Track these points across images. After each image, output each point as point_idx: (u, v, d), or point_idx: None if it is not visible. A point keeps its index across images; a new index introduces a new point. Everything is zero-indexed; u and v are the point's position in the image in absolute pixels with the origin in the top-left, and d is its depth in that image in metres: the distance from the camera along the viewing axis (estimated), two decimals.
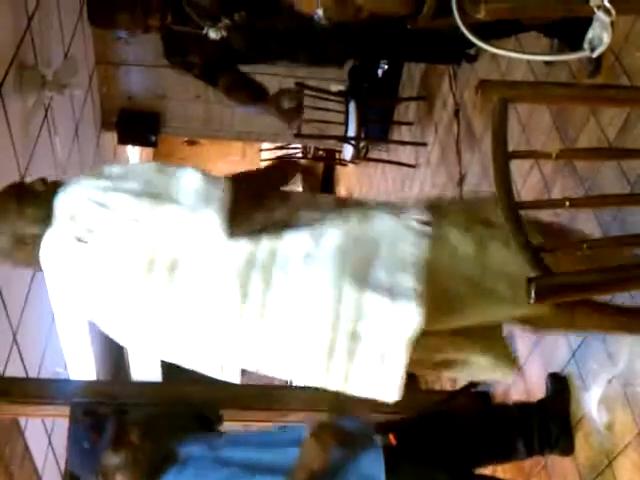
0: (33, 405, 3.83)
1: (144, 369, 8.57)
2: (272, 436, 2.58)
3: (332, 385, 2.01)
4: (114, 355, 8.13)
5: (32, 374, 4.77)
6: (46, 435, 5.11)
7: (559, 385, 3.13)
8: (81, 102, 5.70)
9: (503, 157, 1.53)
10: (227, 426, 3.34)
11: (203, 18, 3.07)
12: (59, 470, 5.17)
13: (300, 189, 8.98)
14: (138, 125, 6.43)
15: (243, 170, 2.12)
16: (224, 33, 3.08)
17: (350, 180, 8.25)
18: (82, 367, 6.46)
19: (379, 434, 2.58)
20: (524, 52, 1.85)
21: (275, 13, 3.09)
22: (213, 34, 3.08)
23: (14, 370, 4.47)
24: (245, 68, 3.37)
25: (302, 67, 4.66)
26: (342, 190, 8.74)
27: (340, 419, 2.41)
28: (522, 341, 3.38)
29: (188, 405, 3.26)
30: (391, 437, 2.62)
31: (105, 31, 4.86)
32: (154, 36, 3.25)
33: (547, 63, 3.17)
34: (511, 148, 1.61)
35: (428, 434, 2.94)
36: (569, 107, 3.22)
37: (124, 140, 6.65)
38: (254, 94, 3.40)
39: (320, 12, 2.68)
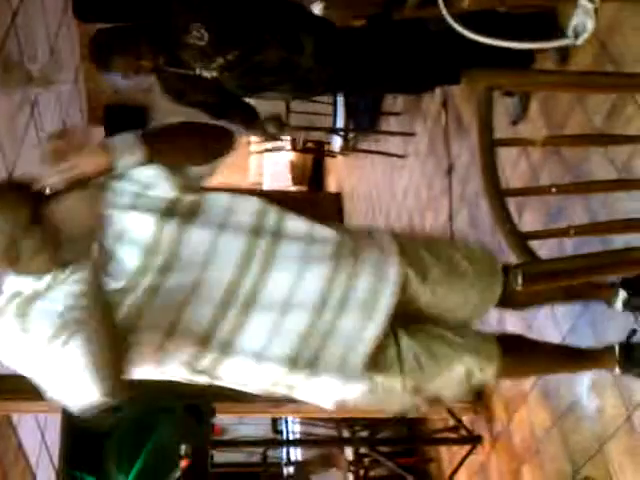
0: (26, 401, 3.82)
1: None
2: None
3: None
4: None
5: None
6: (39, 430, 5.11)
7: None
8: (68, 98, 5.69)
9: (489, 144, 1.53)
10: (219, 418, 3.35)
11: (197, 59, 3.11)
12: (52, 465, 5.17)
13: (290, 183, 8.98)
14: (125, 119, 6.41)
15: None
16: (216, 73, 3.14)
17: (339, 172, 8.25)
18: None
19: None
20: (512, 40, 1.86)
21: (264, 47, 3.15)
22: (206, 73, 3.13)
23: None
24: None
25: (290, 98, 4.72)
26: (332, 182, 8.74)
27: None
28: (513, 326, 3.40)
29: (181, 398, 3.27)
30: None
31: (90, 27, 4.87)
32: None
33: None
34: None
35: None
36: (555, 95, 3.22)
37: (112, 135, 6.62)
38: (247, 119, 3.52)
39: None
